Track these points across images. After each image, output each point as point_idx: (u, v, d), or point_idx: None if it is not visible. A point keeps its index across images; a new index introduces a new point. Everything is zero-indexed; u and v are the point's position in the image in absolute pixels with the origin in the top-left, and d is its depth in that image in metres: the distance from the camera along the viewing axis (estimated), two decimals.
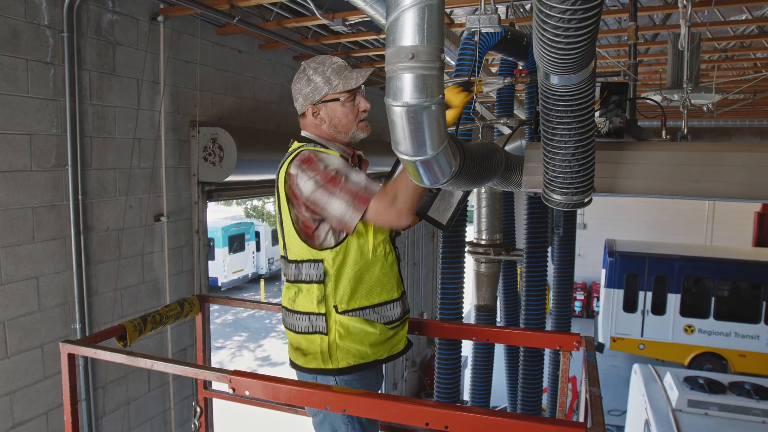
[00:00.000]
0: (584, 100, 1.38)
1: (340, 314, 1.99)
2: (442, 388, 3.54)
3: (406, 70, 1.24)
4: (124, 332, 2.34)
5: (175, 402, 4.97)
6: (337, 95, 1.99)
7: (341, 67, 2.01)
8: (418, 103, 1.25)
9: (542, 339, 2.42)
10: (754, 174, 1.81)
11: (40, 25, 3.62)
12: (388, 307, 2.04)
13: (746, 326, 11.93)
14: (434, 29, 1.21)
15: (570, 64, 1.26)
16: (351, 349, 2.00)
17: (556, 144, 1.48)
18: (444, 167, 1.46)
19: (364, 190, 1.84)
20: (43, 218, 3.73)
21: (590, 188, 1.61)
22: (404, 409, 1.63)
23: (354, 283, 1.98)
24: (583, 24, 1.13)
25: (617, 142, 2.01)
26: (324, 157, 1.91)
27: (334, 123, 2.03)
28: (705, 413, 5.95)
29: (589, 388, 1.79)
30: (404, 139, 1.36)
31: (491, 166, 1.85)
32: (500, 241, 4.70)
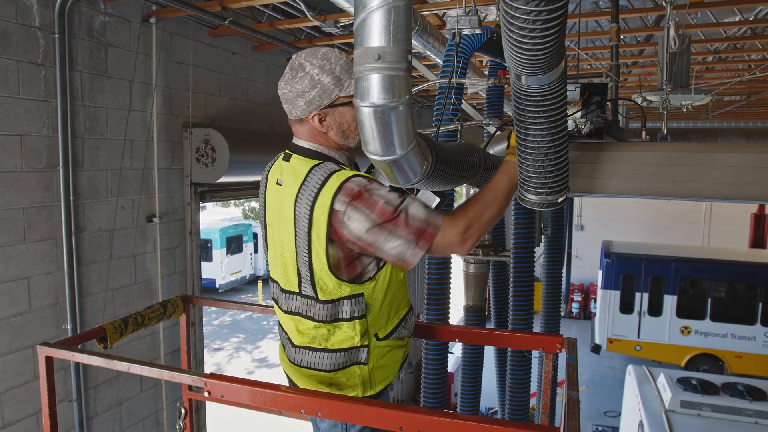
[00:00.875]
0: (556, 100, 1.40)
1: (380, 340, 1.88)
2: (428, 390, 3.55)
3: (373, 70, 1.25)
4: (105, 334, 2.33)
5: (168, 402, 4.97)
6: (348, 98, 1.71)
7: (349, 64, 1.73)
8: (385, 103, 1.27)
9: (525, 340, 2.42)
10: (732, 175, 1.82)
11: (31, 27, 3.64)
12: (408, 317, 1.99)
13: (742, 327, 11.94)
14: (401, 30, 1.22)
15: (539, 64, 1.27)
16: (386, 369, 1.92)
17: (529, 144, 1.50)
18: (415, 167, 1.47)
19: (427, 225, 1.67)
20: (34, 219, 3.74)
21: (564, 188, 1.62)
22: (379, 413, 1.63)
23: (389, 306, 1.87)
24: (548, 25, 1.15)
25: (597, 142, 2.02)
26: (376, 191, 1.66)
27: (343, 129, 1.79)
28: (698, 414, 5.96)
29: (568, 391, 1.79)
30: (373, 139, 1.37)
31: (468, 167, 1.86)
32: (489, 242, 4.71)
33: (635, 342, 12.68)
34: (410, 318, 2.00)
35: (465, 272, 4.63)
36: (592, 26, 6.26)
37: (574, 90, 2.02)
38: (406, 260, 1.69)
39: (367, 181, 1.67)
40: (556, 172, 1.54)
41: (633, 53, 7.23)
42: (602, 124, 2.03)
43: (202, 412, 5.28)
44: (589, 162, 1.89)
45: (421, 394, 3.67)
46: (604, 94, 2.04)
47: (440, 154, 1.63)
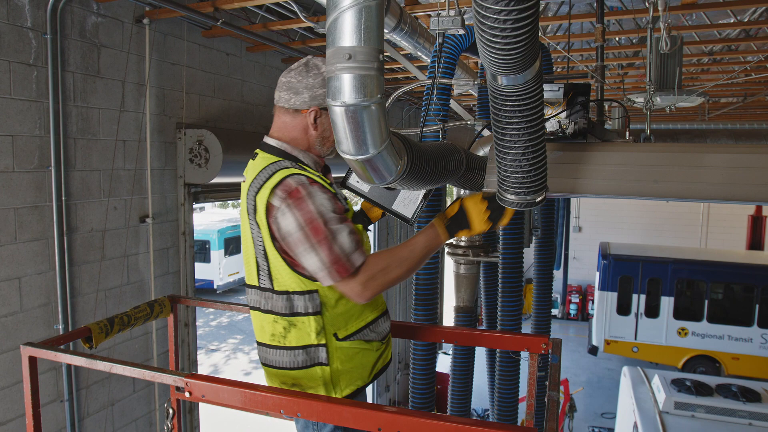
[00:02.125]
0: (532, 100, 1.40)
1: (341, 341, 1.87)
2: (416, 391, 3.54)
3: (345, 70, 1.25)
4: (90, 334, 2.33)
5: (161, 403, 4.97)
6: None
7: None
8: (356, 102, 1.27)
9: (510, 341, 2.43)
10: (716, 175, 1.82)
11: (23, 27, 3.64)
12: (380, 322, 1.99)
13: (739, 329, 11.95)
14: (372, 30, 1.23)
15: (512, 64, 1.27)
16: (354, 372, 1.91)
17: (506, 144, 1.50)
18: (389, 166, 1.47)
19: (347, 259, 1.68)
20: (26, 219, 3.74)
21: (543, 187, 1.62)
22: (357, 413, 1.63)
23: (350, 306, 1.87)
24: (519, 24, 1.15)
25: (580, 143, 2.03)
26: (314, 196, 1.69)
27: (325, 135, 1.87)
28: (692, 415, 5.96)
29: (549, 392, 1.79)
30: (345, 138, 1.38)
31: (448, 167, 1.86)
32: (480, 242, 4.71)
33: (632, 343, 12.68)
34: (382, 323, 2.00)
35: (455, 273, 4.63)
36: (587, 27, 6.27)
37: (558, 90, 2.03)
38: (318, 279, 1.74)
39: (309, 183, 1.70)
40: (534, 172, 1.54)
41: (628, 54, 7.23)
42: (586, 124, 2.04)
43: (195, 413, 5.27)
44: (572, 162, 1.90)
45: (410, 395, 3.66)
46: (587, 94, 2.04)
47: (417, 153, 1.63)
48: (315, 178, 1.76)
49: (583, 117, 2.04)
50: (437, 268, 3.42)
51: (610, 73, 7.84)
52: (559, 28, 6.12)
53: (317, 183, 1.73)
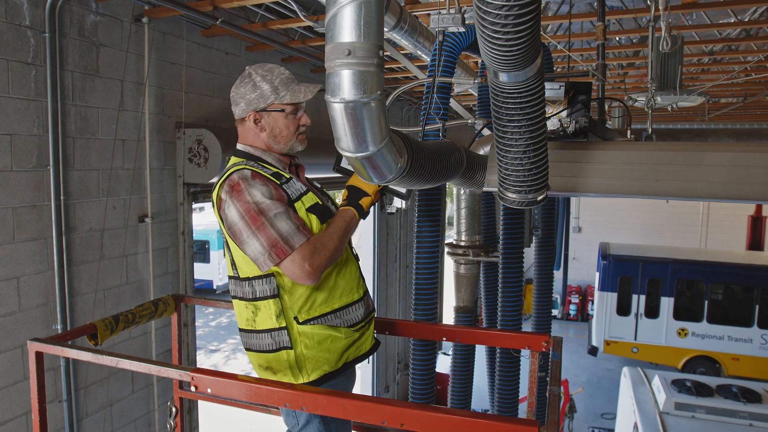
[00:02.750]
0: (533, 97, 1.39)
1: (301, 325, 1.95)
2: (416, 389, 3.53)
3: (344, 66, 1.24)
4: (95, 331, 2.33)
5: (160, 403, 4.95)
6: (282, 106, 1.98)
7: (289, 79, 2.00)
8: (356, 99, 1.26)
9: (511, 339, 2.42)
10: (717, 173, 1.81)
11: (21, 26, 3.63)
12: (350, 310, 2.02)
13: (739, 329, 11.93)
14: (372, 26, 1.21)
15: (514, 61, 1.26)
16: (320, 358, 1.97)
17: (508, 142, 1.49)
18: (390, 164, 1.46)
19: (284, 242, 1.80)
20: (24, 218, 3.73)
21: (544, 186, 1.61)
22: (362, 406, 1.63)
23: (310, 291, 1.94)
24: (520, 20, 1.14)
25: (582, 141, 2.01)
26: (252, 187, 1.84)
27: (275, 133, 2.01)
28: (692, 416, 5.95)
29: (550, 387, 1.79)
30: (345, 136, 1.36)
31: (449, 165, 1.85)
32: (480, 242, 4.69)
33: (632, 344, 12.67)
34: (353, 310, 2.03)
35: (455, 273, 4.62)
36: (587, 27, 6.26)
37: (559, 89, 2.01)
38: (258, 264, 1.85)
39: (251, 177, 1.86)
40: (535, 170, 1.53)
41: (628, 54, 7.22)
42: (587, 123, 2.02)
43: (194, 413, 5.26)
44: (573, 161, 1.88)
45: (409, 395, 3.65)
46: (588, 93, 2.02)
47: (417, 151, 1.62)
48: (261, 172, 1.90)
49: (584, 115, 2.03)
50: (437, 267, 3.41)
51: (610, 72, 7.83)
52: (559, 28, 6.11)
53: (261, 176, 1.87)
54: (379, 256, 9.86)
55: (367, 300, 2.11)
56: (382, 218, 9.95)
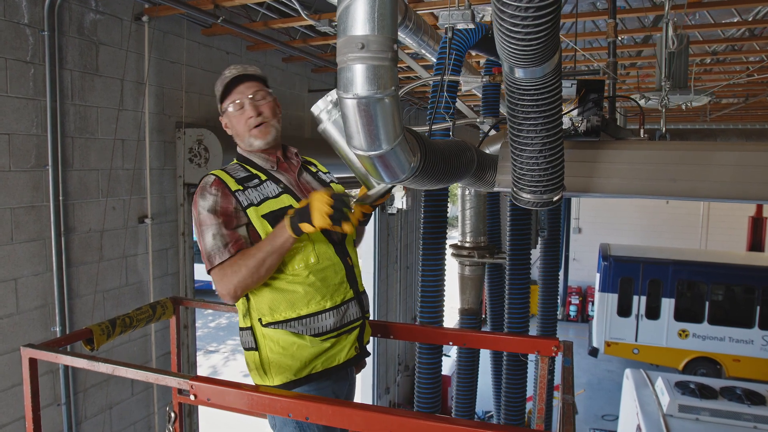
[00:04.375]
0: (550, 94, 1.34)
1: (264, 327, 1.95)
2: (422, 393, 3.47)
3: (357, 60, 1.19)
4: (91, 336, 2.27)
5: (159, 406, 4.90)
6: (225, 105, 2.00)
7: (224, 76, 2.02)
8: (369, 94, 1.21)
9: (520, 344, 2.37)
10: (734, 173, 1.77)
11: (19, 24, 3.58)
12: (316, 319, 1.95)
13: (740, 331, 11.88)
14: (386, 18, 1.16)
15: (532, 56, 1.22)
16: (282, 363, 1.94)
17: (523, 140, 1.44)
18: (402, 163, 1.41)
19: (208, 257, 1.88)
20: (22, 219, 3.67)
21: (560, 186, 1.56)
22: (367, 417, 1.58)
23: (275, 294, 1.93)
24: (541, 13, 1.09)
25: (595, 141, 1.97)
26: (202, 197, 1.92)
27: (234, 133, 2.05)
28: (696, 418, 5.90)
29: (563, 395, 1.74)
30: (357, 133, 1.31)
31: (460, 165, 1.80)
32: (485, 243, 4.64)
33: (633, 345, 12.62)
34: (323, 319, 1.96)
35: (460, 275, 4.57)
36: (589, 27, 6.22)
37: (570, 87, 1.97)
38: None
39: (211, 184, 1.91)
40: (551, 170, 1.48)
41: (630, 54, 7.19)
42: (600, 122, 1.98)
43: (194, 416, 5.20)
44: (586, 161, 1.84)
45: (415, 397, 3.59)
46: (601, 91, 1.98)
47: (430, 150, 1.57)
48: (224, 177, 1.94)
49: (596, 114, 1.98)
50: (443, 269, 3.36)
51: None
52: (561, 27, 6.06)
53: (220, 184, 1.92)
54: (379, 257, 9.81)
55: (345, 309, 2.01)
56: (382, 219, 9.90)
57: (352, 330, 2.04)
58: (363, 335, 2.10)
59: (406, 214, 10.52)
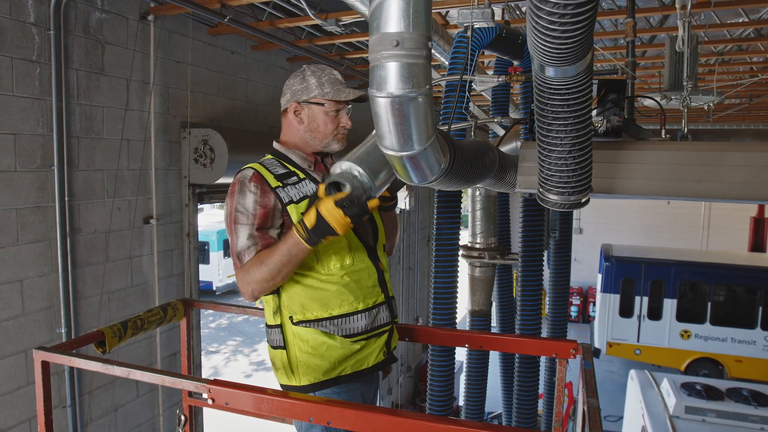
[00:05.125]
0: (581, 94, 1.31)
1: (295, 325, 1.93)
2: (434, 396, 3.44)
3: (391, 58, 1.16)
4: (103, 338, 2.24)
5: (165, 408, 4.86)
6: (323, 101, 1.98)
7: (337, 80, 2.01)
8: (403, 93, 1.17)
9: (537, 346, 2.34)
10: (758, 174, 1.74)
11: (25, 23, 3.55)
12: (348, 320, 1.94)
13: (742, 331, 11.87)
14: (421, 15, 1.13)
15: (566, 54, 1.19)
16: (311, 363, 1.93)
17: (551, 141, 1.41)
18: (432, 164, 1.38)
19: (237, 255, 1.89)
20: (28, 220, 3.64)
21: (588, 188, 1.53)
22: (392, 422, 1.54)
23: (309, 292, 1.92)
24: (580, 11, 1.06)
25: (616, 141, 1.94)
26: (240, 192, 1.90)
27: (312, 127, 2.01)
28: (702, 420, 5.88)
29: (587, 399, 1.71)
30: (389, 133, 1.28)
31: (484, 165, 1.77)
32: (495, 244, 4.61)
33: (635, 346, 12.61)
34: (355, 321, 1.95)
35: (471, 276, 4.53)
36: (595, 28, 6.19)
37: None
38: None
39: (248, 180, 1.90)
40: (579, 171, 1.45)
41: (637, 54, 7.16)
42: (620, 122, 1.95)
43: (200, 417, 5.17)
44: (608, 161, 1.81)
45: (427, 400, 3.56)
46: (622, 91, 1.95)
47: (458, 151, 1.54)
48: (264, 173, 1.92)
49: (616, 114, 1.95)
50: (456, 271, 3.33)
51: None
52: None
53: (259, 179, 1.90)
54: None
55: (376, 312, 2.01)
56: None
57: (381, 334, 2.03)
58: (391, 340, 2.09)
59: (409, 215, 10.49)
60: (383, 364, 2.06)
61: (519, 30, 3.13)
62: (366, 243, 2.01)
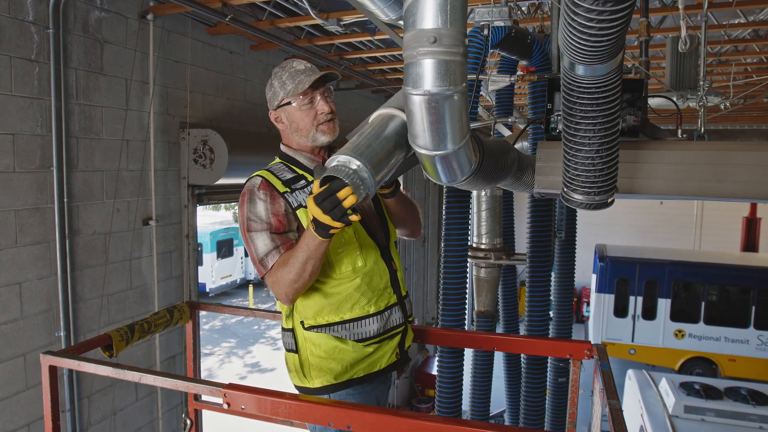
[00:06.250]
0: (611, 92, 1.29)
1: (306, 330, 1.92)
2: (443, 398, 3.42)
3: (428, 55, 1.13)
4: (110, 342, 2.21)
5: (164, 412, 4.81)
6: (291, 99, 1.94)
7: (298, 72, 1.96)
8: (440, 91, 1.15)
9: (550, 347, 2.32)
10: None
11: (24, 21, 3.49)
12: (360, 324, 1.91)
13: (736, 331, 11.94)
14: (458, 11, 1.10)
15: (600, 52, 1.17)
16: (324, 367, 1.91)
17: (579, 140, 1.39)
18: (464, 164, 1.35)
19: (260, 262, 1.85)
20: (27, 221, 3.58)
21: (614, 188, 1.52)
22: (413, 425, 1.52)
23: (321, 297, 1.90)
24: (619, 7, 1.05)
25: (634, 141, 1.93)
26: (250, 201, 1.88)
27: (294, 128, 1.98)
28: (702, 419, 5.90)
29: (608, 400, 1.69)
30: (423, 132, 1.25)
31: (506, 165, 1.75)
32: (500, 245, 4.60)
33: (629, 345, 12.64)
34: (366, 324, 1.92)
35: (476, 277, 4.51)
36: None
37: None
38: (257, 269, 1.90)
39: (258, 188, 1.88)
40: (606, 170, 1.44)
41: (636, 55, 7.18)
42: (637, 121, 1.94)
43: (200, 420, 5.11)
44: (627, 161, 1.79)
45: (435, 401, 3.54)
46: (639, 91, 1.94)
47: (487, 151, 1.51)
48: (272, 180, 1.90)
49: (633, 114, 1.94)
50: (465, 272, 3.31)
51: None
52: None
53: (268, 186, 1.88)
54: None
55: (389, 314, 1.98)
56: None
57: (394, 336, 2.00)
58: (405, 340, 2.06)
59: None
60: (396, 365, 2.04)
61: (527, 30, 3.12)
62: (378, 242, 1.97)
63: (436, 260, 13.15)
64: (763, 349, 11.82)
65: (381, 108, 1.53)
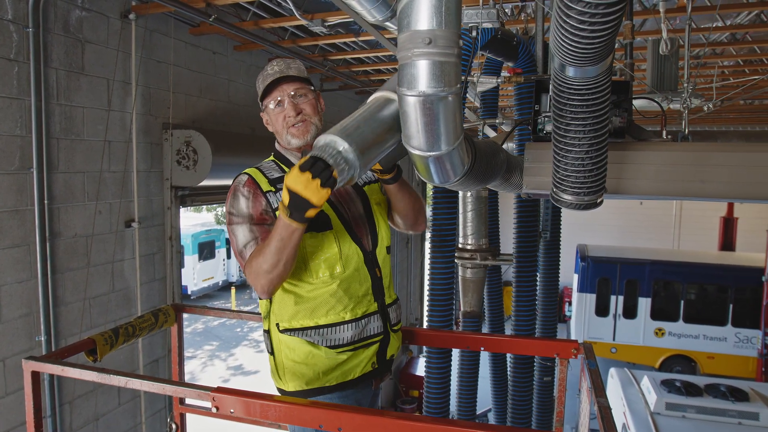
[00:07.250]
0: (601, 94, 1.31)
1: (281, 333, 1.91)
2: (432, 398, 3.42)
3: (423, 56, 1.13)
4: (94, 346, 2.16)
5: (147, 416, 4.75)
6: (264, 101, 1.96)
7: (268, 74, 1.96)
8: (434, 92, 1.15)
9: (537, 346, 2.33)
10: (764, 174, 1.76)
11: (3, 20, 3.43)
12: (334, 330, 1.87)
13: (714, 329, 12.15)
14: (452, 12, 1.11)
15: (591, 54, 1.18)
16: (296, 371, 1.89)
17: (569, 141, 1.40)
18: (457, 165, 1.36)
19: (240, 254, 1.86)
20: (5, 224, 3.51)
21: (602, 188, 1.53)
22: (403, 426, 1.52)
23: (297, 300, 1.88)
24: (611, 10, 1.06)
25: (620, 142, 1.95)
26: (234, 197, 1.90)
27: (273, 129, 2.01)
28: (683, 416, 5.99)
29: (597, 398, 1.71)
30: (417, 133, 1.25)
31: (496, 166, 1.76)
32: (486, 245, 4.62)
33: (611, 344, 12.79)
34: (340, 331, 1.88)
35: (462, 277, 4.53)
36: None
37: None
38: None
39: (243, 184, 1.89)
40: (596, 171, 1.45)
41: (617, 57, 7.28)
42: (623, 123, 1.96)
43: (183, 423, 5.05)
44: (613, 162, 1.81)
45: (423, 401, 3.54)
46: (625, 92, 1.96)
47: (479, 152, 1.52)
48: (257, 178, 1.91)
49: (619, 115, 1.96)
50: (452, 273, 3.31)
51: None
52: None
53: (252, 184, 1.89)
54: None
55: (365, 323, 1.92)
56: None
57: (370, 344, 1.95)
58: (386, 349, 2.00)
59: None
60: (372, 374, 1.98)
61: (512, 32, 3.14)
62: (363, 248, 1.92)
63: (419, 261, 13.17)
64: (741, 347, 12.04)
65: (379, 90, 1.49)
